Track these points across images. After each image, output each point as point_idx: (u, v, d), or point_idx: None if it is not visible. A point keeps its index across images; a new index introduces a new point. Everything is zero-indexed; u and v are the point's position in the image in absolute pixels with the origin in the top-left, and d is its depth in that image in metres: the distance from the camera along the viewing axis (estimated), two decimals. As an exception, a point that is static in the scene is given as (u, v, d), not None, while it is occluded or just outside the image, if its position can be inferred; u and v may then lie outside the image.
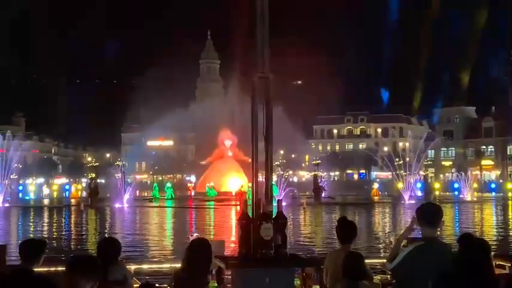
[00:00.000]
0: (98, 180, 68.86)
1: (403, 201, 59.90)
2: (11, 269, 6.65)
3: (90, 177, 69.01)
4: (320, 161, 78.00)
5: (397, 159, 76.51)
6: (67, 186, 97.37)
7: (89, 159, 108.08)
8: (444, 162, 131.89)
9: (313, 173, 71.15)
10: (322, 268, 7.42)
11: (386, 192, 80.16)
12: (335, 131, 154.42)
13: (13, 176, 71.98)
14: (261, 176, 7.53)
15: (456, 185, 78.94)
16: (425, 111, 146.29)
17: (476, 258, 5.06)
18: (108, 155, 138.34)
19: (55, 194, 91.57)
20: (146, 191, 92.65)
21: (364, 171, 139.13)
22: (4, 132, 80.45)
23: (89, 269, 5.13)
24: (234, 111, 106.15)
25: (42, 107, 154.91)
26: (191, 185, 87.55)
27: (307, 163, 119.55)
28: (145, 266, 10.73)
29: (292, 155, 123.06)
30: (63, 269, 5.38)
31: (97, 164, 76.28)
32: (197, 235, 8.76)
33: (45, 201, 72.83)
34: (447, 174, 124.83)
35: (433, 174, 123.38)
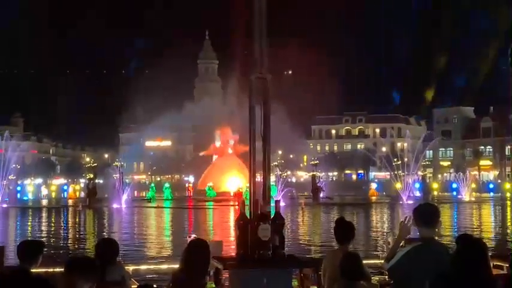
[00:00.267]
0: (96, 181, 68.71)
1: (401, 202, 59.88)
2: (9, 269, 6.65)
3: (88, 177, 68.87)
4: (318, 161, 77.88)
5: (396, 160, 76.45)
6: (65, 187, 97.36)
7: (87, 159, 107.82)
8: (442, 163, 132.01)
9: (312, 174, 71.12)
10: (320, 269, 7.42)
11: (384, 193, 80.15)
12: (333, 131, 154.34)
13: (11, 176, 71.82)
14: (259, 176, 7.52)
15: (454, 185, 78.94)
16: (423, 111, 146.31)
17: (474, 259, 5.06)
18: (106, 156, 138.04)
19: (53, 194, 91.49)
20: (144, 191, 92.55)
21: (362, 172, 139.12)
22: (2, 132, 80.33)
23: (87, 270, 5.14)
24: (232, 111, 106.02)
25: (40, 108, 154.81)
26: (190, 185, 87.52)
27: (306, 163, 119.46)
28: (143, 266, 10.73)
29: (291, 155, 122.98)
30: (61, 269, 5.38)
31: (95, 164, 76.06)
32: (195, 236, 8.75)
33: (44, 202, 72.77)
34: (445, 174, 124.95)
35: (431, 175, 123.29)
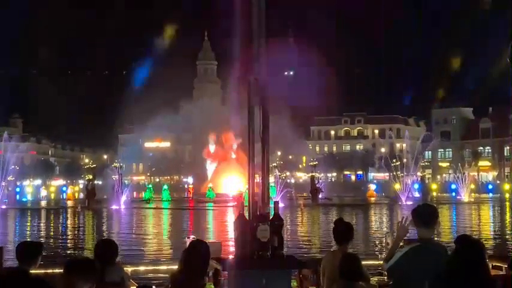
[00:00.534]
0: (95, 182, 68.74)
1: (400, 202, 59.89)
2: (7, 270, 6.63)
3: (87, 178, 68.87)
4: (317, 162, 77.88)
5: (394, 161, 76.49)
6: (64, 188, 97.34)
7: (86, 160, 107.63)
8: (441, 163, 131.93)
9: (311, 174, 71.14)
10: (319, 269, 7.43)
11: (383, 194, 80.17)
12: (332, 132, 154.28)
13: (10, 177, 71.83)
14: (258, 177, 7.52)
15: (453, 186, 78.96)
16: (422, 112, 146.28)
17: (472, 259, 5.07)
18: (105, 157, 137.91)
19: (52, 195, 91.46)
20: (143, 192, 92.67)
21: (361, 173, 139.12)
22: (1, 133, 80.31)
23: (86, 271, 5.14)
24: (231, 112, 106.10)
25: (39, 109, 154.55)
26: (191, 186, 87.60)
27: (305, 164, 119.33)
28: (142, 267, 10.71)
29: (290, 156, 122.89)
30: (60, 270, 5.38)
31: (94, 165, 75.92)
32: (193, 237, 8.75)
33: (43, 203, 72.76)
34: (444, 175, 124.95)
35: (430, 175, 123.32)
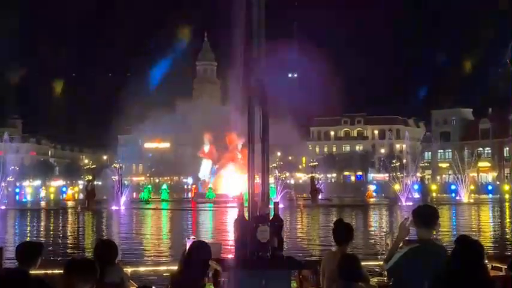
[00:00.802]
0: (95, 183, 68.74)
1: (400, 203, 59.90)
2: (6, 271, 6.63)
3: (87, 179, 68.89)
4: (317, 162, 77.93)
5: (394, 161, 76.54)
6: (64, 189, 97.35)
7: (86, 161, 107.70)
8: (441, 164, 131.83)
9: (310, 175, 71.18)
10: (319, 270, 7.43)
11: (383, 194, 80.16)
12: (332, 133, 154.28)
13: (10, 178, 71.87)
14: (258, 178, 7.52)
15: (453, 187, 78.99)
16: (422, 113, 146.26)
17: (471, 260, 5.07)
18: (105, 157, 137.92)
19: (52, 196, 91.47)
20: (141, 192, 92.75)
21: (361, 173, 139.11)
22: (1, 134, 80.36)
23: (86, 271, 5.15)
24: (231, 113, 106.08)
25: (38, 109, 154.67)
26: (194, 186, 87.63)
27: (304, 165, 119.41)
28: (142, 268, 10.72)
29: (289, 157, 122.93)
30: (61, 271, 5.39)
31: (94, 166, 75.97)
32: (194, 238, 8.76)
33: (42, 204, 72.76)
34: (444, 176, 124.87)
35: (430, 176, 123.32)
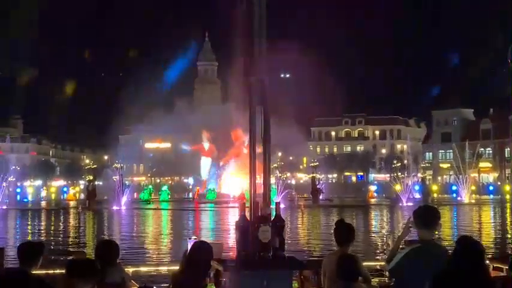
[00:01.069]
0: (96, 183, 68.81)
1: (401, 204, 59.90)
2: (7, 271, 6.64)
3: (87, 179, 68.96)
4: (318, 163, 77.95)
5: (395, 162, 76.54)
6: (65, 189, 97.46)
7: (87, 161, 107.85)
8: (442, 165, 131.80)
9: (311, 175, 71.23)
10: (320, 270, 7.43)
11: (384, 195, 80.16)
12: (333, 133, 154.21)
13: (11, 178, 71.93)
14: (259, 178, 7.52)
15: (454, 188, 79.01)
16: (423, 113, 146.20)
17: (472, 260, 5.07)
18: (105, 157, 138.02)
19: (53, 196, 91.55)
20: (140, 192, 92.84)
21: (362, 174, 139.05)
22: (2, 134, 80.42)
23: (87, 271, 5.15)
24: (232, 113, 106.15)
25: (39, 109, 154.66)
26: (198, 187, 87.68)
27: (305, 165, 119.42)
28: (143, 268, 10.71)
29: (290, 157, 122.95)
30: (62, 271, 5.39)
31: (95, 166, 76.05)
32: (195, 238, 8.76)
33: (43, 204, 72.81)
34: (445, 176, 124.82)
35: (431, 177, 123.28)
